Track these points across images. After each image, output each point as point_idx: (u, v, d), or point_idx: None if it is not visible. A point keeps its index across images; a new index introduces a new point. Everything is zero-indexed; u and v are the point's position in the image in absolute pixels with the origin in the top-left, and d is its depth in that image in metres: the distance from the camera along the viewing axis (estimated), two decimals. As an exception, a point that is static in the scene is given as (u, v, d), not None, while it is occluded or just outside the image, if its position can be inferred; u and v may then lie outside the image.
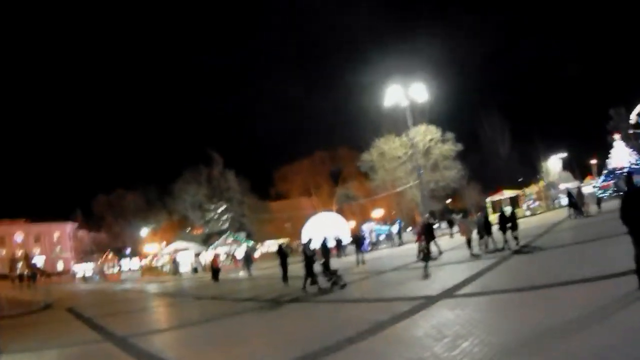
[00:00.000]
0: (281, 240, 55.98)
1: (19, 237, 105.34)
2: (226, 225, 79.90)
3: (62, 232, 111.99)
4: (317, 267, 19.46)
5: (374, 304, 14.11)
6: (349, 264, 29.99)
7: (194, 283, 39.18)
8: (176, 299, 27.18)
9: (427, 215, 37.37)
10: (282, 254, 24.95)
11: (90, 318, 19.91)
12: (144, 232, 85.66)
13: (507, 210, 25.74)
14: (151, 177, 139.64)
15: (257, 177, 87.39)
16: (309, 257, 19.34)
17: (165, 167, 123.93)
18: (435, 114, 63.51)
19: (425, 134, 65.22)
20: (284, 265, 23.98)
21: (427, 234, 21.54)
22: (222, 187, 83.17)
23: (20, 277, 57.03)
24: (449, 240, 35.30)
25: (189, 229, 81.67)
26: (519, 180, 69.65)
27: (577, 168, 74.29)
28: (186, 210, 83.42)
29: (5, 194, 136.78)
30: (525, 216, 47.83)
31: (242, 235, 67.11)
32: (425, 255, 20.17)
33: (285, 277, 23.26)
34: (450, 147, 66.48)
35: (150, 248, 77.64)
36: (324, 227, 52.64)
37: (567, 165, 75.62)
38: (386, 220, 62.27)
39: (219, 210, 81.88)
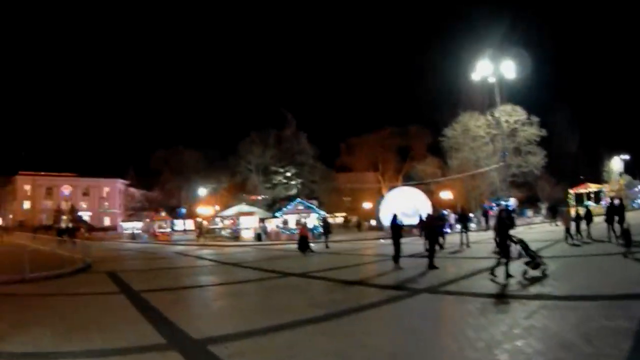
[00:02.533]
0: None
1: (66, 190, 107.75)
2: (294, 191, 77.98)
3: (112, 188, 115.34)
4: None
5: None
6: (452, 246, 28.34)
7: (267, 252, 35.62)
8: (254, 272, 22.38)
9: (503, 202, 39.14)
10: (397, 227, 22.24)
11: (139, 294, 15.87)
12: (202, 192, 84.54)
13: (615, 202, 26.91)
14: (215, 137, 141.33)
15: (323, 146, 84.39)
16: (505, 227, 15.99)
17: (230, 127, 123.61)
18: (521, 95, 62.98)
19: (510, 114, 63.97)
20: (397, 240, 21.48)
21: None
22: (294, 149, 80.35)
23: (60, 230, 54.24)
24: (554, 228, 37.39)
25: (244, 194, 78.42)
26: (581, 177, 70.67)
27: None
28: (250, 173, 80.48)
29: (57, 148, 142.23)
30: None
31: (315, 203, 63.04)
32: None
33: (397, 255, 20.82)
34: (535, 131, 64.98)
35: (207, 209, 76.43)
36: (404, 202, 49.06)
37: (629, 167, 76.14)
38: (456, 203, 57.98)
39: (288, 174, 79.54)
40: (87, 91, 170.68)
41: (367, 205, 78.59)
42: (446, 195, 65.46)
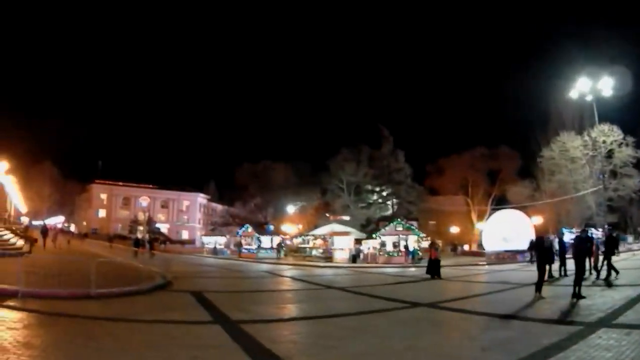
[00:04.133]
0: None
1: (144, 200, 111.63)
2: (389, 211, 76.94)
3: (192, 202, 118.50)
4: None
5: None
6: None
7: (369, 276, 33.80)
8: (373, 300, 18.97)
9: (607, 227, 39.36)
10: (545, 250, 19.70)
11: (240, 326, 12.54)
12: (291, 209, 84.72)
13: None
14: (303, 151, 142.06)
15: (412, 166, 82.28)
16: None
17: (318, 141, 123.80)
18: (615, 114, 60.46)
19: (607, 134, 62.59)
20: (542, 265, 18.75)
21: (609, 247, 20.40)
22: (391, 167, 79.32)
23: (137, 240, 52.62)
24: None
25: (328, 214, 76.95)
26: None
27: None
28: (341, 191, 79.68)
29: (137, 160, 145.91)
30: None
31: (415, 224, 60.07)
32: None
33: (540, 283, 18.28)
34: (631, 152, 63.28)
35: (293, 227, 76.51)
36: (508, 226, 49.07)
37: None
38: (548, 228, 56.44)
39: (384, 194, 79.03)
40: (171, 103, 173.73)
41: (454, 229, 79.34)
42: (537, 220, 61.59)
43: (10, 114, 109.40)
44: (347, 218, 71.40)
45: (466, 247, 62.45)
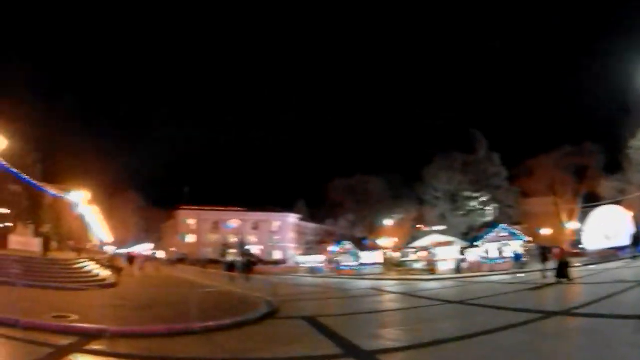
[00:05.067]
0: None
1: (233, 223, 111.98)
2: (489, 217, 74.80)
3: (283, 222, 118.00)
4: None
5: None
6: None
7: (481, 286, 33.52)
8: (504, 314, 17.30)
9: None
10: None
11: (376, 356, 11.25)
12: (387, 222, 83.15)
13: None
14: (392, 163, 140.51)
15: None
16: None
17: (410, 153, 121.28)
18: None
19: None
20: None
21: None
22: (488, 172, 77.69)
23: (231, 265, 51.54)
24: None
25: (422, 224, 79.10)
26: None
27: None
28: (437, 200, 78.38)
29: (224, 184, 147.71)
30: None
31: (518, 228, 58.35)
32: None
33: None
34: None
35: (389, 241, 76.06)
36: (609, 223, 49.32)
37: None
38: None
39: (483, 199, 76.83)
40: (255, 125, 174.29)
41: (544, 231, 77.53)
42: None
43: (92, 145, 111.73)
44: (442, 228, 70.93)
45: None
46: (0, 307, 15.21)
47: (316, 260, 72.23)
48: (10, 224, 42.85)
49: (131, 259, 48.95)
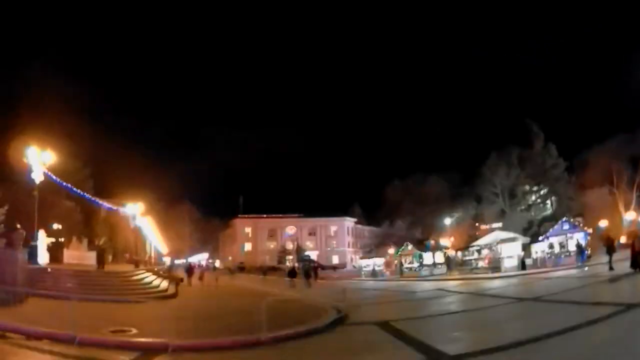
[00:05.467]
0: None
1: (290, 230, 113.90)
2: (548, 211, 74.74)
3: (340, 227, 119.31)
4: None
5: None
6: None
7: (553, 282, 31.34)
8: (588, 309, 16.22)
9: None
10: None
11: None
12: (447, 221, 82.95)
13: None
14: (452, 163, 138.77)
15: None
16: None
17: (466, 151, 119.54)
18: None
19: None
20: None
21: None
22: (546, 164, 75.92)
23: (292, 271, 51.13)
24: None
25: (479, 223, 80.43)
26: None
27: None
28: (496, 197, 78.62)
29: (281, 193, 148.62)
30: None
31: (580, 220, 59.79)
32: None
33: None
34: None
35: (449, 241, 75.78)
36: None
37: None
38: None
39: (543, 192, 76.48)
40: (307, 132, 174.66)
41: (603, 223, 72.67)
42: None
43: (146, 159, 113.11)
44: (501, 224, 70.42)
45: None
46: (56, 323, 14.61)
47: (377, 263, 71.53)
48: (62, 239, 42.76)
49: (190, 269, 48.73)
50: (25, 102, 45.63)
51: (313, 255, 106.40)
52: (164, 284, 36.96)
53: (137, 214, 57.71)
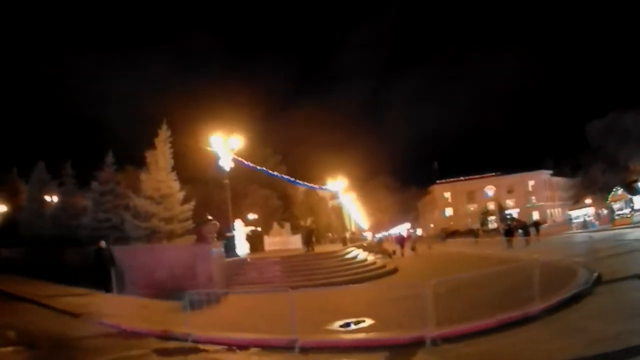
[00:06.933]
0: None
1: (489, 190, 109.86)
2: None
3: (537, 181, 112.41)
4: None
5: None
6: None
7: None
8: None
9: None
10: None
11: None
12: None
13: None
14: None
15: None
16: None
17: None
18: None
19: None
20: None
21: None
22: None
23: (508, 230, 47.31)
24: None
25: None
26: None
27: None
28: None
29: (472, 154, 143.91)
30: None
31: None
32: None
33: None
34: None
35: None
36: None
37: None
38: None
39: None
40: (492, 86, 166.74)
41: None
42: None
43: (343, 137, 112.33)
44: None
45: None
46: (265, 324, 12.12)
47: (585, 214, 65.97)
48: (259, 228, 41.29)
49: (401, 240, 46.50)
50: (207, 94, 45.02)
51: (514, 213, 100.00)
52: (379, 259, 34.59)
53: (339, 191, 56.39)
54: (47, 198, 42.89)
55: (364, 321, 12.13)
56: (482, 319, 10.66)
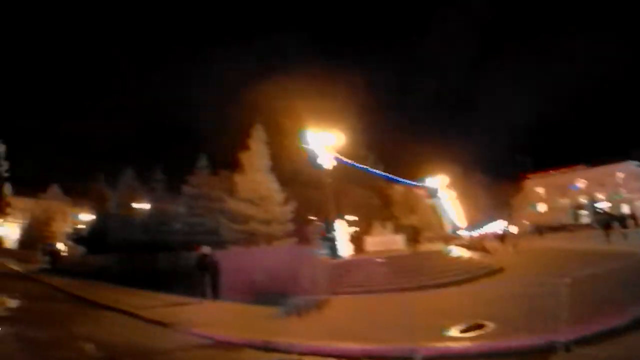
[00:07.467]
0: None
1: (577, 183, 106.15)
2: None
3: (627, 172, 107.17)
4: None
5: None
6: None
7: None
8: None
9: None
10: None
11: None
12: None
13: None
14: None
15: None
16: None
17: None
18: None
19: None
20: None
21: None
22: None
23: (607, 224, 45.10)
24: None
25: None
26: None
27: None
28: None
29: (564, 142, 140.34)
30: None
31: None
32: None
33: None
34: None
35: None
36: None
37: None
38: None
39: None
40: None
41: None
42: None
43: (435, 134, 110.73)
44: None
45: None
46: (376, 330, 11.52)
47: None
48: (357, 229, 40.45)
49: (502, 237, 46.56)
50: (299, 92, 44.27)
51: (604, 206, 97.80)
52: (481, 257, 33.90)
53: (438, 188, 55.42)
54: (136, 204, 43.40)
55: (485, 324, 11.39)
56: (612, 318, 9.96)
